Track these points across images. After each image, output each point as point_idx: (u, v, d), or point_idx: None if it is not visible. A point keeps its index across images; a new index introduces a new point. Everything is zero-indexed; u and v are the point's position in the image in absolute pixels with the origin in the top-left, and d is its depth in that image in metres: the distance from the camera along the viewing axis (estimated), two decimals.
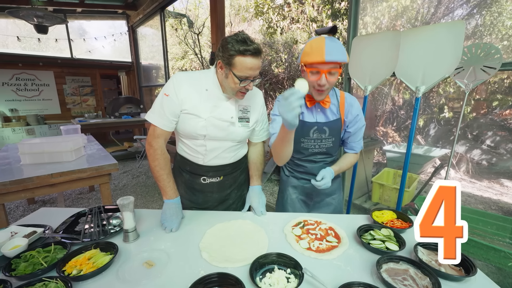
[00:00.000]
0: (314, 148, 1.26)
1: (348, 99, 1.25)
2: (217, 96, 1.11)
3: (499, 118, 4.46)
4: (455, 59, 1.49)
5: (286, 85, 7.42)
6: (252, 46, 0.95)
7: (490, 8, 3.99)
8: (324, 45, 1.01)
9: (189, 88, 1.08)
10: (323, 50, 1.01)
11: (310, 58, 1.04)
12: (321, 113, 1.23)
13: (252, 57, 0.97)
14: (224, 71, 1.03)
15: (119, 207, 0.98)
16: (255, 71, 1.00)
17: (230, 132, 1.15)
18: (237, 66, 0.97)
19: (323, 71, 1.05)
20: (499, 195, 3.81)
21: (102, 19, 6.07)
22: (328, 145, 1.26)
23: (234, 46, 0.95)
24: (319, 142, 1.25)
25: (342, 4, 5.00)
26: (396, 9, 4.66)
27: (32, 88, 5.44)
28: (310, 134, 1.23)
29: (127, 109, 5.68)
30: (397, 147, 4.50)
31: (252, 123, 1.21)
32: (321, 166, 1.33)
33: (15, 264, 0.83)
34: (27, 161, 1.97)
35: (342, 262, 0.91)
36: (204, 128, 1.10)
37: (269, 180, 4.12)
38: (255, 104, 1.22)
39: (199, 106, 1.08)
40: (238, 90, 1.05)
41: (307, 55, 1.06)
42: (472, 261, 0.86)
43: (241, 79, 0.99)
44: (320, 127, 1.22)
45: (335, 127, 1.23)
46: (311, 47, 1.04)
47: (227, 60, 0.98)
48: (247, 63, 0.97)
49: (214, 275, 0.76)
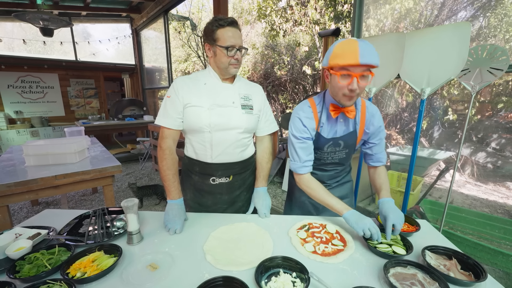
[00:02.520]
0: (327, 160, 1.24)
1: (370, 108, 1.17)
2: (216, 86, 1.18)
3: (504, 121, 4.42)
4: (461, 60, 1.48)
5: (288, 87, 7.42)
6: (228, 19, 1.10)
7: (495, 10, 3.96)
8: (358, 47, 0.94)
9: (188, 86, 1.16)
10: (357, 52, 0.93)
11: (342, 61, 0.95)
12: (342, 124, 1.17)
13: (230, 26, 1.09)
14: (212, 50, 1.13)
15: (123, 209, 0.97)
16: (237, 39, 1.10)
17: (234, 118, 1.18)
18: (220, 38, 1.09)
19: (355, 75, 0.96)
20: (505, 199, 3.76)
21: (106, 22, 6.14)
22: (341, 156, 1.24)
23: (213, 24, 1.10)
24: (332, 154, 1.23)
25: (345, 7, 5.00)
26: (399, 11, 4.65)
27: (37, 90, 5.50)
28: (324, 148, 1.20)
29: (131, 111, 5.71)
30: (401, 149, 4.47)
31: (256, 111, 1.25)
32: (332, 175, 1.32)
33: (19, 266, 0.82)
34: (31, 163, 1.98)
35: (348, 266, 0.89)
36: (208, 117, 1.14)
37: (271, 183, 4.11)
38: (256, 93, 1.28)
39: (200, 98, 1.15)
40: (229, 62, 1.12)
41: (338, 57, 0.97)
42: (482, 266, 0.84)
43: (227, 48, 1.09)
44: (335, 141, 1.18)
45: (351, 139, 1.19)
46: (343, 49, 0.96)
47: (211, 37, 1.11)
48: (228, 33, 1.09)
49: (219, 279, 0.75)
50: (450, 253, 0.93)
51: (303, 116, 1.15)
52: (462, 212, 2.17)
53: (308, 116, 1.15)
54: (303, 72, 6.45)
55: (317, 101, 1.19)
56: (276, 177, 4.20)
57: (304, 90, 7.09)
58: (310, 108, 1.17)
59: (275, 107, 7.85)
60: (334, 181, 1.35)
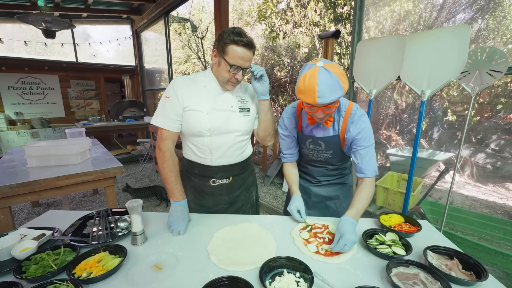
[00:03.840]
0: (312, 156, 1.29)
1: (353, 114, 1.12)
2: (215, 90, 1.17)
3: (503, 122, 4.44)
4: (460, 63, 1.50)
5: (289, 89, 7.44)
6: (245, 39, 1.04)
7: (494, 12, 4.00)
8: (316, 86, 0.93)
9: (188, 88, 1.14)
10: (315, 92, 0.93)
11: (303, 97, 0.98)
12: (322, 128, 1.18)
13: (244, 47, 1.04)
14: (218, 58, 1.10)
15: (127, 210, 0.98)
16: (245, 62, 1.07)
17: (233, 122, 1.18)
18: (229, 54, 1.05)
19: (318, 108, 1.00)
20: (504, 199, 3.78)
21: (107, 24, 6.16)
22: (327, 156, 1.23)
23: (229, 36, 1.03)
24: (316, 152, 1.25)
25: (345, 9, 5.03)
26: (398, 13, 4.69)
27: (37, 91, 5.51)
28: (306, 144, 1.25)
29: (131, 112, 5.72)
30: (401, 150, 4.48)
31: (252, 113, 1.26)
32: (322, 171, 1.34)
33: (25, 266, 0.83)
34: (33, 164, 1.99)
35: (351, 266, 0.90)
36: (208, 122, 1.13)
37: (272, 184, 4.11)
38: (252, 96, 1.29)
39: (199, 101, 1.13)
40: (228, 79, 1.10)
41: (301, 93, 0.98)
42: (483, 265, 0.85)
43: (231, 65, 1.06)
44: (315, 140, 1.20)
45: (332, 142, 1.17)
46: (304, 85, 0.96)
47: (221, 48, 1.06)
48: (239, 52, 1.04)
49: (224, 279, 0.76)
50: (452, 253, 0.94)
51: (285, 116, 1.28)
52: (462, 213, 2.19)
53: (288, 116, 1.26)
54: None
55: None
56: (276, 178, 4.21)
57: None
58: (295, 108, 1.26)
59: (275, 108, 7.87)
60: (324, 179, 1.36)
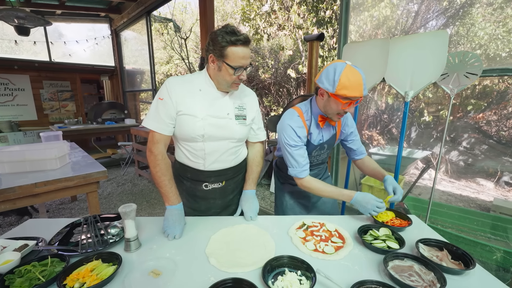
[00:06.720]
0: (313, 162, 1.36)
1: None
2: (211, 95, 1.11)
3: (473, 121, 4.78)
4: (440, 65, 1.59)
5: (273, 90, 7.50)
6: (242, 36, 0.98)
7: (463, 20, 4.30)
8: (362, 82, 1.06)
9: (182, 90, 1.08)
10: (361, 85, 1.06)
11: (350, 93, 1.05)
12: (326, 129, 1.31)
13: (243, 46, 0.99)
14: (217, 64, 1.03)
15: (121, 215, 0.94)
16: (247, 59, 1.02)
17: (228, 129, 1.14)
18: (229, 56, 0.99)
19: (353, 102, 1.10)
20: (476, 193, 4.05)
21: (83, 22, 5.87)
22: (324, 156, 1.41)
23: (225, 38, 0.97)
24: (318, 157, 1.37)
25: (327, 13, 5.17)
26: (377, 18, 4.90)
27: (5, 93, 5.11)
28: (312, 153, 1.32)
29: (111, 114, 5.48)
30: (382, 149, 4.68)
31: (249, 121, 1.21)
32: (315, 173, 1.43)
33: (9, 280, 0.76)
34: (6, 170, 1.84)
35: (350, 262, 0.92)
36: (202, 128, 1.08)
37: (259, 185, 4.12)
38: (250, 102, 1.23)
39: (194, 106, 1.08)
40: (232, 81, 1.06)
41: (345, 88, 1.05)
42: (470, 255, 0.90)
43: (235, 68, 1.01)
44: (321, 145, 1.32)
45: (332, 141, 1.36)
46: (350, 80, 1.05)
47: (219, 52, 0.99)
48: (240, 53, 0.99)
49: (228, 281, 0.75)
50: (441, 245, 0.99)
51: (295, 126, 1.22)
52: (443, 208, 2.32)
53: (299, 125, 1.23)
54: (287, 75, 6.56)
55: (303, 109, 1.27)
56: (263, 179, 4.22)
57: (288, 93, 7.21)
58: (300, 117, 1.24)
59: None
60: (318, 178, 1.44)
